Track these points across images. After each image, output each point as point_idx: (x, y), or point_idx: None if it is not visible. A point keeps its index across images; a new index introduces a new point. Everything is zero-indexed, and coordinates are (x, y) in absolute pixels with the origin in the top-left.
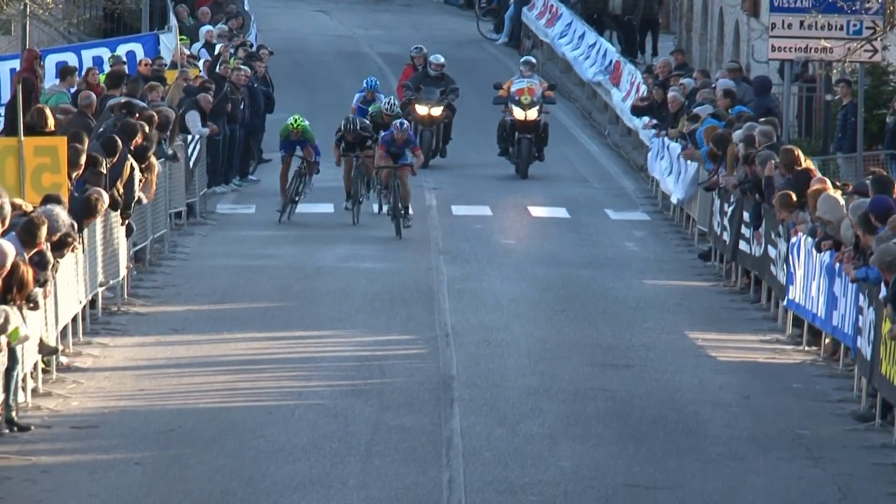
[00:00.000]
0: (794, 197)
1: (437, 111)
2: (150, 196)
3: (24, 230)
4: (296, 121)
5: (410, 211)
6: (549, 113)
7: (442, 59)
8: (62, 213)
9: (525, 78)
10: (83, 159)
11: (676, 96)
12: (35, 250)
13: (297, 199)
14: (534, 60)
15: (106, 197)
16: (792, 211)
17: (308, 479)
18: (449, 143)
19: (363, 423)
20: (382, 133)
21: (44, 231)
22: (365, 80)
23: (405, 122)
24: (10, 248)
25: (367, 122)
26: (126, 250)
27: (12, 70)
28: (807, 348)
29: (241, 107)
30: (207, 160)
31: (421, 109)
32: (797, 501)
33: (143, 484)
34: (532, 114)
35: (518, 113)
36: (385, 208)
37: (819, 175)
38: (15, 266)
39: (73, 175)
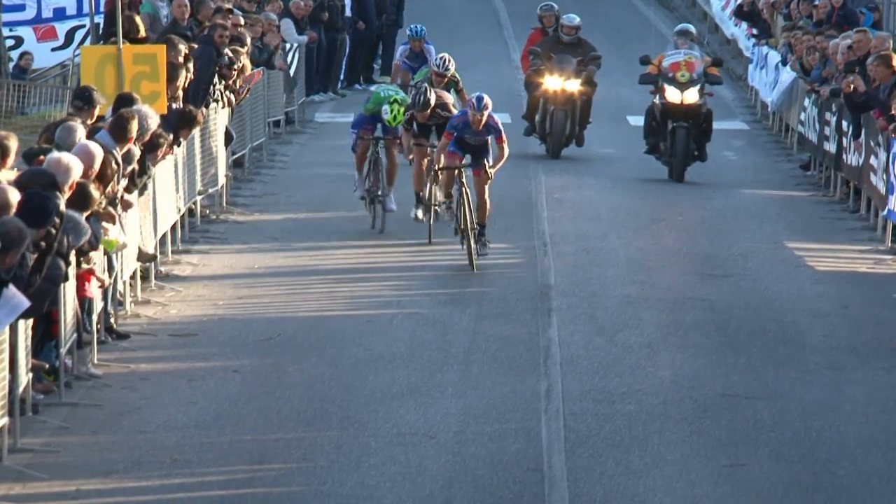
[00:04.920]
0: None
1: (572, 86)
2: (247, 87)
3: (115, 125)
4: (396, 115)
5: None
6: (712, 95)
7: (577, 20)
8: (150, 111)
9: (681, 50)
10: (182, 75)
11: (768, 3)
12: (127, 146)
13: (381, 199)
14: (692, 29)
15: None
16: None
17: (406, 387)
18: (588, 127)
19: (461, 332)
20: (453, 116)
21: (134, 125)
22: (409, 28)
23: (484, 96)
24: (97, 150)
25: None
26: (225, 158)
27: None
28: None
29: (348, 14)
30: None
31: (552, 83)
32: None
33: (241, 391)
34: (691, 95)
35: (672, 94)
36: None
37: None
38: (104, 162)
39: (171, 90)
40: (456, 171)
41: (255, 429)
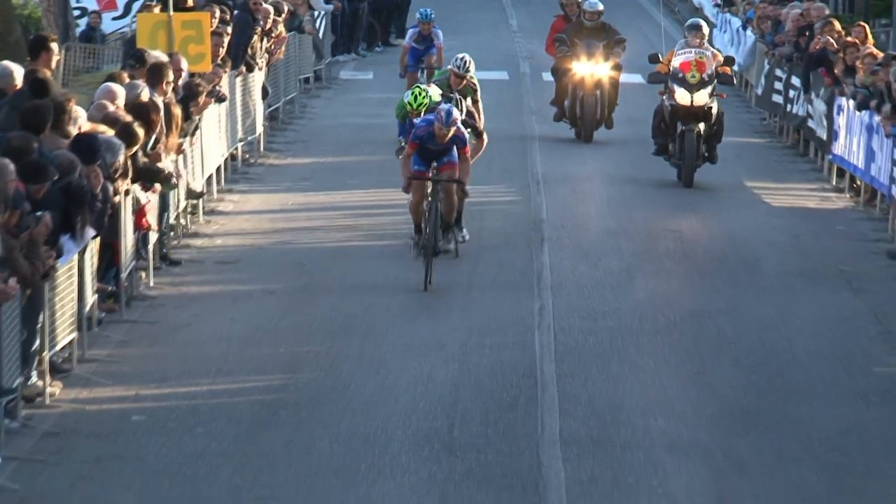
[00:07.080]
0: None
1: (601, 70)
2: (278, 50)
3: (151, 73)
4: (417, 97)
5: (464, 228)
6: (724, 97)
7: (599, 6)
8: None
9: (692, 48)
10: (226, 41)
11: None
12: (165, 91)
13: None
14: (704, 25)
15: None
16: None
17: (418, 306)
18: (615, 110)
19: (466, 259)
20: (417, 121)
21: (169, 72)
22: (418, 11)
23: (454, 111)
24: (119, 89)
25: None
26: (262, 110)
27: None
28: (848, 195)
29: None
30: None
31: (581, 69)
32: (839, 326)
33: (276, 310)
34: (701, 97)
35: (682, 96)
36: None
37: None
38: (144, 106)
39: (217, 52)
40: (426, 184)
41: (288, 342)
